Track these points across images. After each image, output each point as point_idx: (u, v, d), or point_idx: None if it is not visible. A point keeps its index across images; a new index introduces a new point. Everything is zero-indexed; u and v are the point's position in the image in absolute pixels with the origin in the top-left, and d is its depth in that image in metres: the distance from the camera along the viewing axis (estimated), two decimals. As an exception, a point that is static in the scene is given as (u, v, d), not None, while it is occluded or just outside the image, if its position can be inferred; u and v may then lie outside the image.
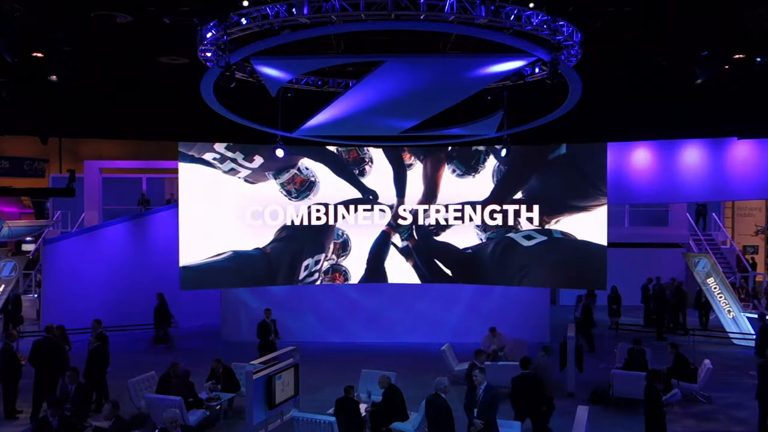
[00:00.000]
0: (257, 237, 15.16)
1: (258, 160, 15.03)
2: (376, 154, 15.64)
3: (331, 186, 15.52)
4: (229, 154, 14.89)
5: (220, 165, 14.85)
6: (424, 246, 15.71)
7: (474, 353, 10.93)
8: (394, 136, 14.03)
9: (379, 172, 15.66)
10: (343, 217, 15.54)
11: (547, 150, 14.94)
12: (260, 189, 15.18)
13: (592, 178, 14.61)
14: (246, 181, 15.09)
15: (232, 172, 14.95)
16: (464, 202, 15.44)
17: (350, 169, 15.61)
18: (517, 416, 9.59)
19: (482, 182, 15.35)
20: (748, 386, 12.18)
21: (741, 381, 12.94)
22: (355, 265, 15.83)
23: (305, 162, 15.42)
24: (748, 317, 16.90)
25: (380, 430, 9.53)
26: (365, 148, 15.53)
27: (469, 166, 15.42)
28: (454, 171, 15.51)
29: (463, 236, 15.52)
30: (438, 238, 15.67)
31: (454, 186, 15.50)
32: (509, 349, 13.26)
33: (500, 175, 15.20)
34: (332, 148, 15.47)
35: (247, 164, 15.02)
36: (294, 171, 15.34)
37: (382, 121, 13.06)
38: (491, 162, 15.25)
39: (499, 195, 15.22)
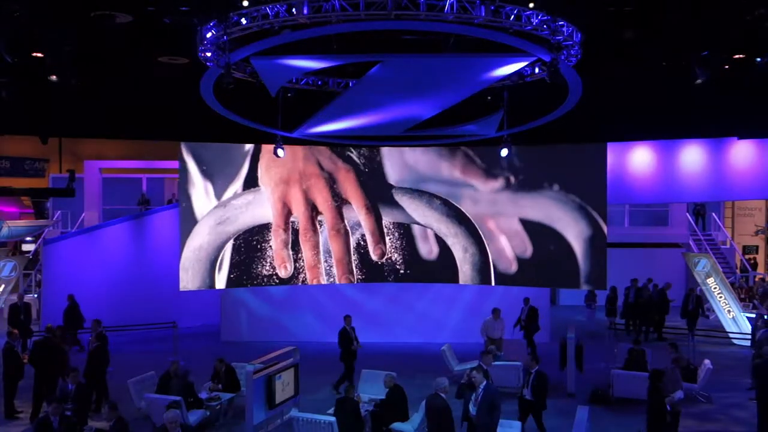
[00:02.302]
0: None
1: None
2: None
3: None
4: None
5: None
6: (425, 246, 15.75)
7: (481, 354, 10.93)
8: (394, 136, 14.04)
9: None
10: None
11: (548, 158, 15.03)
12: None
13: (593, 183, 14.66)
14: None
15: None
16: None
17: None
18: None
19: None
20: (748, 386, 12.18)
21: (741, 381, 12.93)
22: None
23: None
24: (748, 317, 16.90)
25: (380, 430, 9.53)
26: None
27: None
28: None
29: (462, 237, 15.54)
30: (438, 237, 15.70)
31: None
32: (506, 350, 13.29)
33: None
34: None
35: None
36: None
37: (382, 120, 13.06)
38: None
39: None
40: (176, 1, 9.58)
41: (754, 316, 15.29)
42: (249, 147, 15.00)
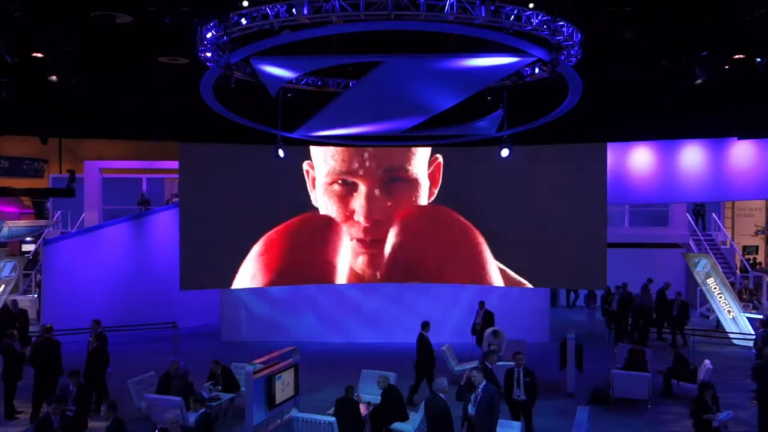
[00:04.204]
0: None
1: None
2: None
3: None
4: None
5: None
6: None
7: (484, 354, 10.93)
8: (394, 136, 14.03)
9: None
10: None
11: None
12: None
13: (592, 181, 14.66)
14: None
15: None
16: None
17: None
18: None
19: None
20: (748, 386, 12.18)
21: (741, 381, 12.93)
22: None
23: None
24: (748, 317, 16.90)
25: (380, 431, 9.53)
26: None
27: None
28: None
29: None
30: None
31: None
32: (506, 350, 13.26)
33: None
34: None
35: None
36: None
37: (382, 120, 13.05)
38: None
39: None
40: (176, 1, 9.58)
41: (762, 316, 15.05)
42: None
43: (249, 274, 15.05)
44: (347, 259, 15.59)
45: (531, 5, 8.76)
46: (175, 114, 14.21)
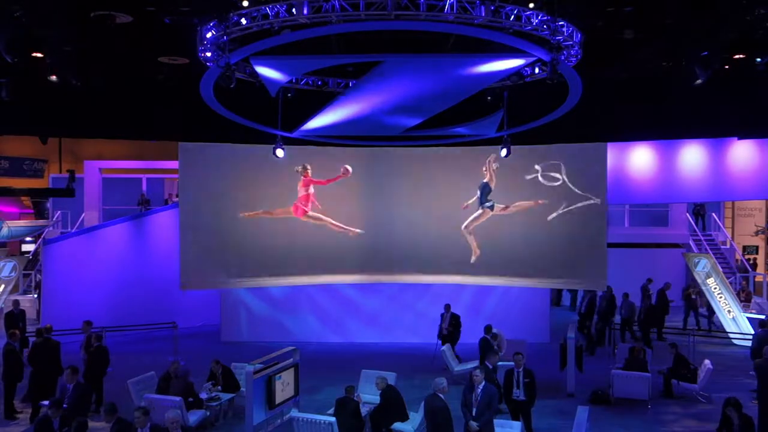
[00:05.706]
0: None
1: None
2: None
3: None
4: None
5: None
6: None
7: (487, 354, 10.94)
8: (394, 136, 14.04)
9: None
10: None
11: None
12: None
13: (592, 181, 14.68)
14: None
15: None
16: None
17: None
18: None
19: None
20: (748, 386, 12.19)
21: (741, 381, 12.94)
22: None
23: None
24: (748, 317, 16.89)
25: (380, 431, 9.53)
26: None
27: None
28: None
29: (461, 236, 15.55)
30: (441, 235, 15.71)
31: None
32: (507, 350, 13.26)
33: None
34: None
35: None
36: None
37: (382, 120, 13.06)
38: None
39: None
40: (176, 1, 9.57)
41: (764, 317, 15.01)
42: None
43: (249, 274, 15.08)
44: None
45: (531, 5, 8.76)
46: (175, 114, 14.21)
